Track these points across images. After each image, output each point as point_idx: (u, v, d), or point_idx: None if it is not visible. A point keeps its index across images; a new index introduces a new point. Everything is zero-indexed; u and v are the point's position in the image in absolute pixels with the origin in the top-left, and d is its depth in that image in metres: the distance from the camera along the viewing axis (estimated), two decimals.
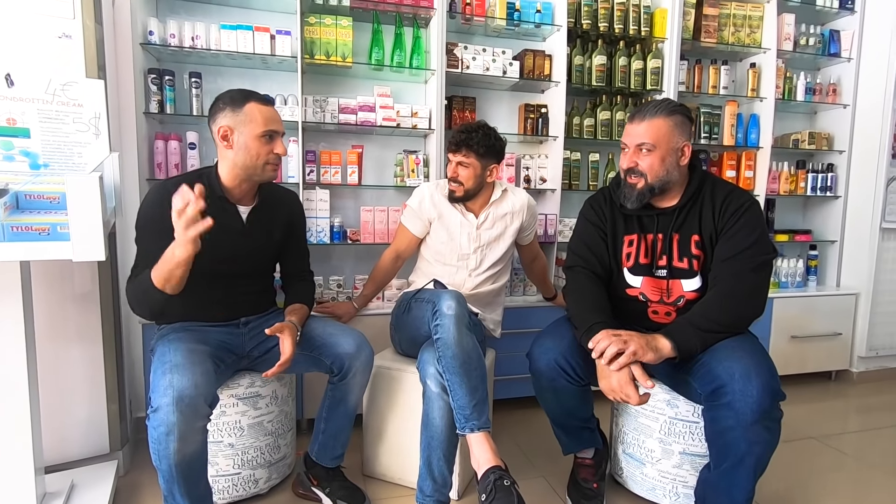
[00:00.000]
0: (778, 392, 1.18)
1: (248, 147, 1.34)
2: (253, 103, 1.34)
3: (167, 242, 1.25)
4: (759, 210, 1.39)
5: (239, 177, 1.38)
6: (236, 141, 1.34)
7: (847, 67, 2.67)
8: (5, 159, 1.34)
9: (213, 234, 1.34)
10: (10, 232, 1.06)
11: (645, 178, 1.36)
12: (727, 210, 1.37)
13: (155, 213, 1.29)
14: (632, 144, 1.38)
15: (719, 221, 1.37)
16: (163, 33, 1.88)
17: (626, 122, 1.42)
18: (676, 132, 1.35)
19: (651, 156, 1.35)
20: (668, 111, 1.35)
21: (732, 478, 1.22)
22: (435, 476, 1.34)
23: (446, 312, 1.37)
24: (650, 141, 1.34)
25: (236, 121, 1.33)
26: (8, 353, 1.26)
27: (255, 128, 1.33)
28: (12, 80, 1.34)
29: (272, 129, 1.36)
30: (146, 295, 1.22)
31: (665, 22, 2.35)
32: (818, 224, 2.83)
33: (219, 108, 1.35)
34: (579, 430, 1.52)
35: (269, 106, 1.38)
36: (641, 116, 1.36)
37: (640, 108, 1.39)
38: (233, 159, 1.36)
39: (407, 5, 2.06)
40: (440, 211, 1.73)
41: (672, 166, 1.36)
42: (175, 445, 1.13)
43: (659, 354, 1.25)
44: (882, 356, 2.68)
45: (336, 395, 1.48)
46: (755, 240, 1.32)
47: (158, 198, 1.30)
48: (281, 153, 1.39)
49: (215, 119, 1.35)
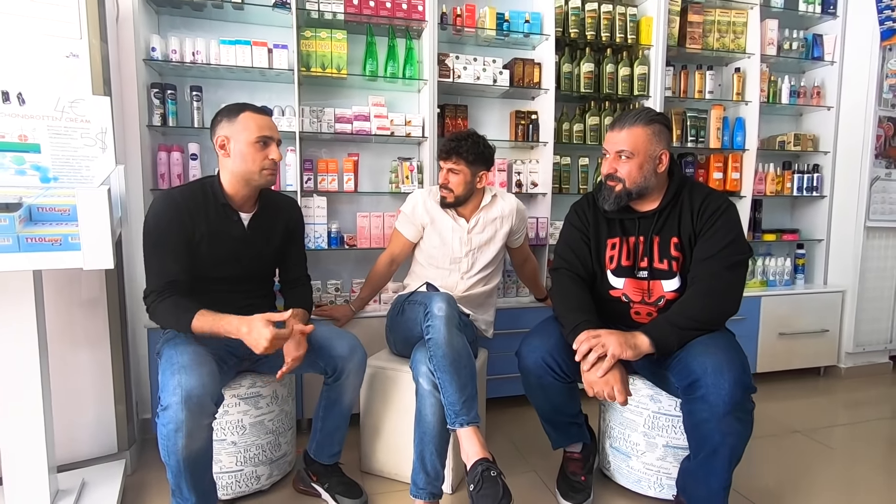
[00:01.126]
0: (749, 385, 1.24)
1: (244, 154, 1.41)
2: (247, 113, 1.42)
3: (181, 250, 1.34)
4: (735, 212, 1.45)
5: (238, 183, 1.45)
6: (233, 149, 1.41)
7: (830, 70, 2.74)
8: (17, 173, 1.42)
9: (217, 242, 1.41)
10: (24, 243, 1.14)
11: (623, 183, 1.43)
12: (705, 212, 1.43)
13: (162, 223, 1.36)
14: (612, 151, 1.44)
15: (697, 223, 1.44)
16: (164, 49, 1.95)
17: (608, 129, 1.48)
18: (654, 140, 1.42)
19: (629, 163, 1.41)
20: (647, 120, 1.41)
21: (709, 467, 1.28)
22: (428, 470, 1.41)
23: (437, 314, 1.43)
24: (629, 148, 1.41)
25: (232, 130, 1.41)
26: (22, 357, 1.33)
27: (248, 135, 1.41)
28: (24, 98, 1.42)
29: (266, 136, 1.43)
30: (177, 323, 1.34)
31: (651, 29, 2.42)
32: (805, 223, 2.89)
33: (217, 121, 1.44)
34: (567, 425, 1.58)
35: (263, 115, 1.45)
36: (621, 125, 1.42)
37: (621, 116, 1.45)
38: (231, 167, 1.43)
39: (399, 18, 2.14)
40: (432, 216, 1.80)
41: (650, 173, 1.42)
42: (183, 441, 1.19)
43: (637, 351, 1.32)
44: (868, 352, 2.74)
45: (331, 396, 1.54)
46: (731, 240, 1.39)
47: (166, 206, 1.38)
48: (275, 158, 1.45)
49: (214, 131, 1.44)
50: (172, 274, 1.36)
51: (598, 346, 1.29)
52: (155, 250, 1.37)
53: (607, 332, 1.33)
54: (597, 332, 1.33)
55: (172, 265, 1.36)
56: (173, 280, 1.36)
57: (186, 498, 1.26)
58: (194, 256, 1.40)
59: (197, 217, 1.40)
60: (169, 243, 1.36)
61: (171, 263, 1.36)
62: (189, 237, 1.39)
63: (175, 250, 1.37)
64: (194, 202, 1.41)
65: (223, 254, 1.45)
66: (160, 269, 1.36)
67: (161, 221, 1.37)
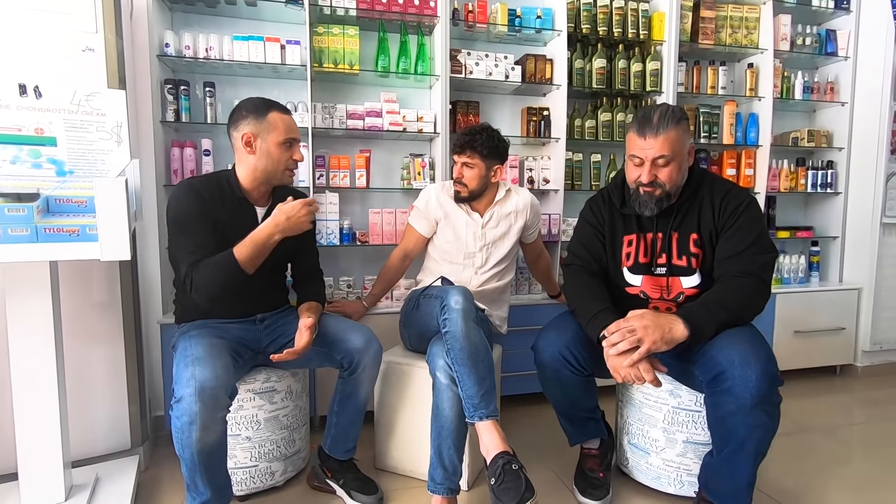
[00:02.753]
0: (776, 377, 1.21)
1: (271, 153, 1.41)
2: (275, 112, 1.42)
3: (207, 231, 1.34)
4: (757, 208, 1.43)
5: (258, 180, 1.44)
6: (259, 147, 1.41)
7: (844, 66, 2.72)
8: (34, 167, 1.41)
9: (234, 233, 1.40)
10: (42, 233, 1.13)
11: (663, 187, 1.38)
12: (727, 208, 1.40)
13: (188, 207, 1.35)
14: (648, 158, 1.37)
15: (719, 220, 1.41)
16: (178, 45, 1.96)
17: (635, 135, 1.39)
18: (685, 139, 1.39)
19: (669, 167, 1.37)
20: (676, 120, 1.36)
21: (734, 462, 1.26)
22: (445, 465, 1.39)
23: (454, 307, 1.42)
24: (667, 154, 1.35)
25: (259, 128, 1.40)
26: (38, 350, 1.33)
27: (277, 135, 1.41)
28: (40, 91, 1.42)
29: (292, 137, 1.44)
30: (227, 273, 1.32)
31: (663, 25, 2.41)
32: (819, 220, 2.86)
33: (241, 116, 1.41)
34: (584, 420, 1.56)
35: (289, 115, 1.45)
36: (654, 131, 1.35)
37: (647, 120, 1.36)
38: (254, 164, 1.42)
39: (411, 14, 2.13)
40: (446, 211, 1.79)
41: (685, 170, 1.41)
42: (197, 434, 1.18)
43: (672, 344, 1.26)
44: (886, 350, 2.70)
45: (346, 390, 1.53)
46: (756, 238, 1.37)
47: (188, 192, 1.37)
48: (299, 159, 1.47)
49: (237, 125, 1.41)
50: (201, 251, 1.34)
51: (632, 339, 1.24)
52: (182, 232, 1.36)
53: (642, 324, 1.26)
54: (631, 326, 1.27)
55: (200, 242, 1.34)
56: (204, 255, 1.34)
57: (202, 492, 1.25)
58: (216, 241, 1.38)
59: (216, 206, 1.40)
60: (195, 225, 1.35)
61: (199, 240, 1.34)
62: (211, 218, 1.38)
63: (202, 231, 1.36)
64: (213, 192, 1.41)
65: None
66: (189, 249, 1.34)
67: (186, 206, 1.36)
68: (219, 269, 1.32)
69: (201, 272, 1.32)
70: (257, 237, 1.34)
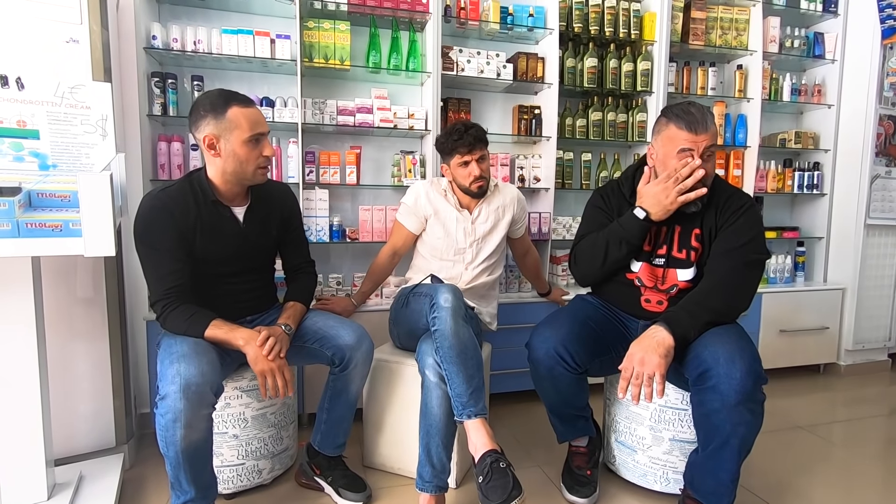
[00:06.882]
0: (760, 375, 1.23)
1: (237, 154, 1.33)
2: (235, 107, 1.31)
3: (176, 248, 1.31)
4: (757, 212, 1.47)
5: (229, 182, 1.39)
6: (223, 148, 1.32)
7: (832, 68, 2.75)
8: (15, 160, 1.39)
9: (212, 236, 1.38)
10: (24, 228, 1.11)
11: (705, 182, 1.40)
12: (729, 208, 1.45)
13: (152, 225, 1.31)
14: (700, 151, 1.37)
15: (720, 218, 1.45)
16: (165, 38, 1.93)
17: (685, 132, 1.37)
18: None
19: (712, 159, 1.42)
20: (712, 116, 1.40)
21: (718, 459, 1.27)
22: (434, 462, 1.39)
23: (443, 305, 1.42)
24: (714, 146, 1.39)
25: (220, 128, 1.31)
26: (20, 346, 1.31)
27: (241, 133, 1.32)
28: (23, 83, 1.39)
29: (258, 133, 1.34)
30: (187, 331, 1.31)
31: (654, 25, 2.42)
32: (805, 221, 2.90)
33: (200, 116, 1.32)
34: (574, 418, 1.57)
35: (251, 108, 1.34)
36: (705, 126, 1.36)
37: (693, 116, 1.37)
38: (222, 167, 1.35)
39: (403, 10, 2.12)
40: (436, 207, 1.78)
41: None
42: (182, 432, 1.17)
43: (670, 351, 1.27)
44: (868, 349, 2.75)
45: (337, 386, 1.52)
46: (752, 237, 1.40)
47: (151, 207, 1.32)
48: (269, 155, 1.38)
49: (198, 127, 1.32)
50: (173, 277, 1.31)
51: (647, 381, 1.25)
52: (150, 253, 1.31)
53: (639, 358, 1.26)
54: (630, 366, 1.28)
55: (171, 266, 1.31)
56: (176, 284, 1.31)
57: (186, 491, 1.24)
58: (190, 254, 1.35)
59: (188, 216, 1.34)
60: (162, 244, 1.30)
61: (169, 265, 1.30)
62: (181, 234, 1.33)
63: (170, 250, 1.31)
64: (183, 202, 1.34)
65: (220, 250, 1.40)
66: (160, 273, 1.30)
67: (150, 224, 1.31)
68: (188, 326, 1.30)
69: (169, 319, 1.31)
70: (229, 336, 1.31)
